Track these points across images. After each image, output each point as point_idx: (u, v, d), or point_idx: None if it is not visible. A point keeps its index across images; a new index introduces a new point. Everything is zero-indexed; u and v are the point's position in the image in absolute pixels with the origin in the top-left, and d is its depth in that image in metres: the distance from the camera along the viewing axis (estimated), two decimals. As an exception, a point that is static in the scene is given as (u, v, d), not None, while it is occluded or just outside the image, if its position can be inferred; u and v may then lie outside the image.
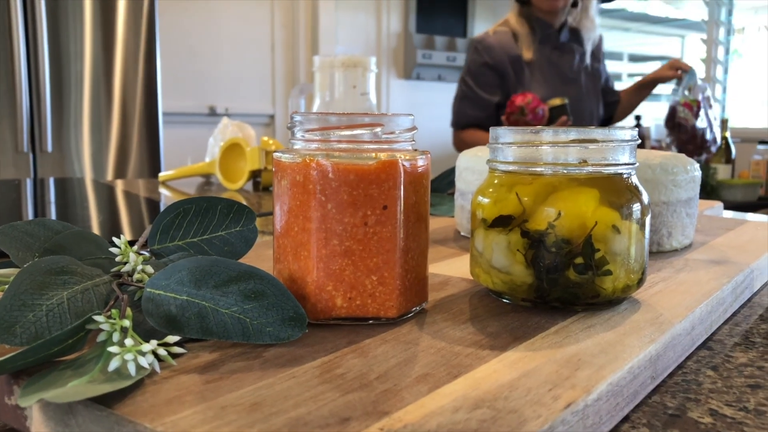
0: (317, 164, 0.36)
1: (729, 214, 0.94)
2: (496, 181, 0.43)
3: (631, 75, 4.49)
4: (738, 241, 0.64)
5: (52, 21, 2.22)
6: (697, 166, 0.61)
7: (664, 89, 3.01)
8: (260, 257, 0.55)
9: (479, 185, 0.45)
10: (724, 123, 2.73)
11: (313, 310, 0.37)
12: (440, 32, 4.09)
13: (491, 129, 0.44)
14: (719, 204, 0.90)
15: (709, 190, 2.30)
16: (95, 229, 0.78)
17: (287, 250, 0.38)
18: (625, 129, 0.41)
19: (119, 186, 1.35)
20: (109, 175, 2.37)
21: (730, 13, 3.60)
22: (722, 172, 2.39)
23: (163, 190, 1.25)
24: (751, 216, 0.95)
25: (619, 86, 2.33)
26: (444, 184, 0.87)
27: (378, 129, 0.37)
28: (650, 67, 4.46)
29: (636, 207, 0.41)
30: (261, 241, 0.61)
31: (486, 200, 0.43)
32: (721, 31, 3.65)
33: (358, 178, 0.36)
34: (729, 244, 0.63)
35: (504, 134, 0.43)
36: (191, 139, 3.14)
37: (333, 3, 3.70)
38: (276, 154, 0.39)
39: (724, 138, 2.65)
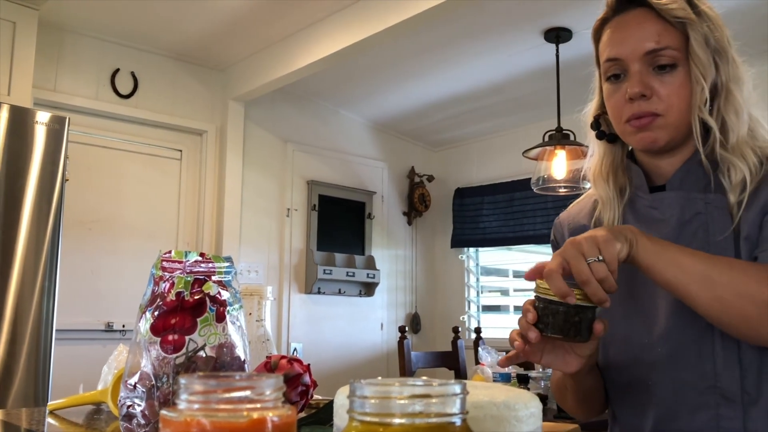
0: (197, 423, 0.43)
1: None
2: None
3: (516, 290, 4.82)
4: (579, 468, 0.73)
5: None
6: (537, 402, 0.72)
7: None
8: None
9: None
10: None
11: None
12: (340, 250, 4.33)
13: (350, 382, 0.52)
14: (576, 427, 1.00)
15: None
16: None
17: (167, 500, 0.44)
18: (455, 384, 0.51)
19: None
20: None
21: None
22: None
23: (50, 420, 1.23)
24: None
25: (506, 300, 2.51)
26: (328, 415, 0.93)
27: (250, 392, 0.45)
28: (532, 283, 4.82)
29: (467, 450, 0.49)
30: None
31: (346, 445, 0.50)
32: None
33: (232, 434, 0.43)
34: (571, 470, 0.72)
35: (360, 388, 0.51)
36: (84, 355, 3.06)
37: (237, 228, 3.88)
38: (162, 412, 0.46)
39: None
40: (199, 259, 1.00)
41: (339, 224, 4.37)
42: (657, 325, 1.02)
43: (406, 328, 3.59)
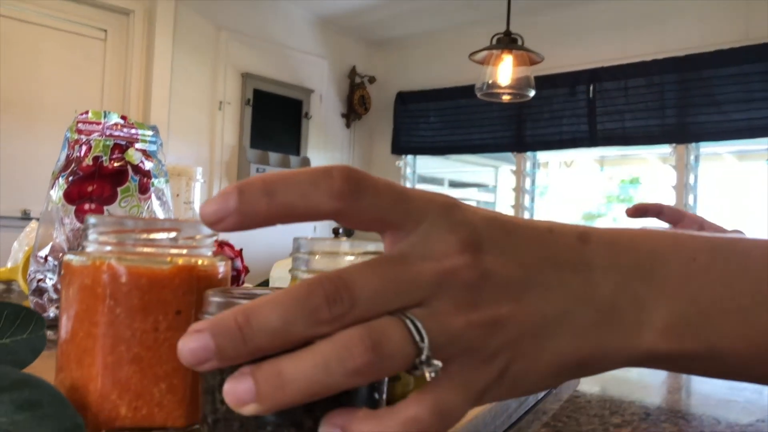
0: (108, 267, 0.35)
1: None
2: (295, 290, 0.44)
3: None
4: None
5: None
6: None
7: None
8: (51, 367, 0.51)
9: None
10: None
11: (95, 420, 0.35)
12: (274, 149, 4.19)
13: (294, 239, 0.45)
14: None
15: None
16: None
17: (70, 357, 0.37)
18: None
19: None
20: None
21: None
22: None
23: (-49, 298, 1.13)
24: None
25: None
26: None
27: (175, 233, 0.38)
28: (468, 193, 4.85)
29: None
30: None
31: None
32: (528, 164, 4.07)
33: (151, 282, 0.36)
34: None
35: (305, 245, 0.44)
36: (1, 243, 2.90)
37: (165, 119, 3.69)
38: (67, 257, 0.38)
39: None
40: (121, 122, 0.90)
41: (274, 122, 4.21)
42: None
43: (341, 230, 3.55)
